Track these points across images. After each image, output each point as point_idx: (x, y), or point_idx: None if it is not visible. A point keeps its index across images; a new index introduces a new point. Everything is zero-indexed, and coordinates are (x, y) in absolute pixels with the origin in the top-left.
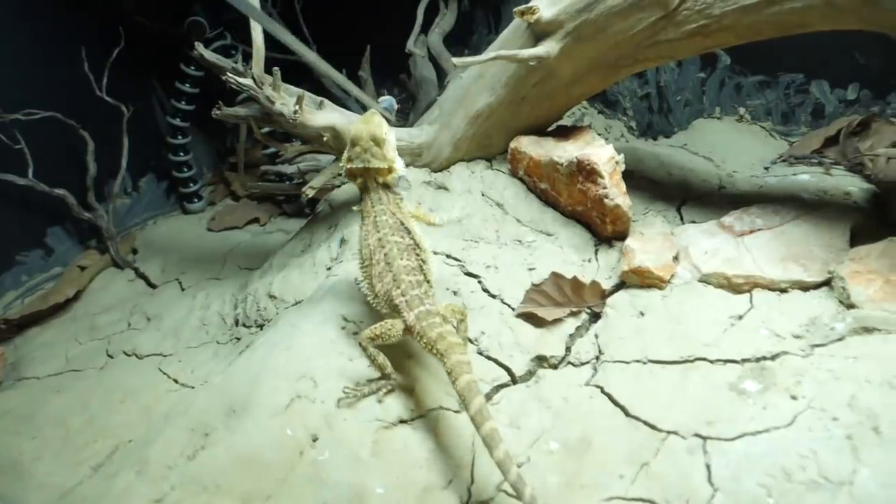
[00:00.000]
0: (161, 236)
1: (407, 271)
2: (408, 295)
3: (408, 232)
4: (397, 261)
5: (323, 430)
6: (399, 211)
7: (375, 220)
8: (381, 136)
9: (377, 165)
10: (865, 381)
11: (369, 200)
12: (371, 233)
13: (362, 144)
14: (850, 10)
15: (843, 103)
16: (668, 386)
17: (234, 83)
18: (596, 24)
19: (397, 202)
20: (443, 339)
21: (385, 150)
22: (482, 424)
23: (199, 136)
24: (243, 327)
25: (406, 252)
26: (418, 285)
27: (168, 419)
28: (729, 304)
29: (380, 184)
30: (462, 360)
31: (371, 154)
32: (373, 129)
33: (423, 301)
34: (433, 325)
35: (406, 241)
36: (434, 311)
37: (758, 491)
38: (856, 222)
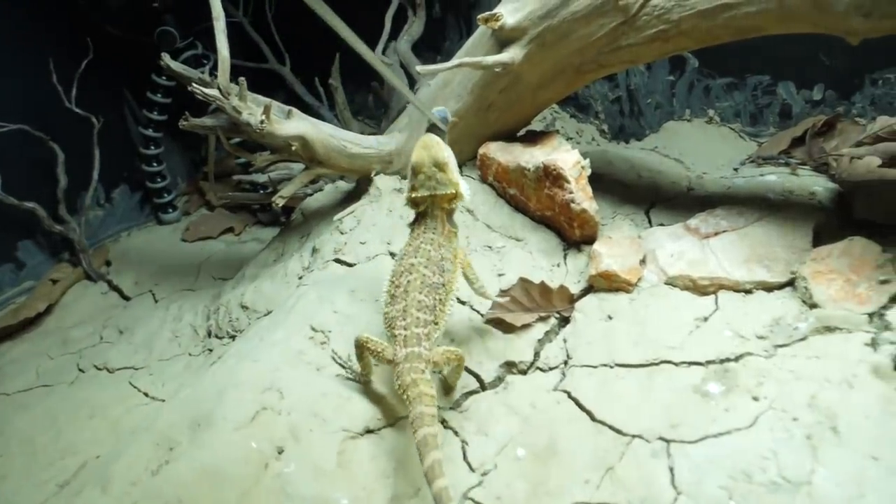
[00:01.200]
0: (135, 248)
1: (419, 307)
2: (409, 330)
3: (442, 272)
4: (415, 293)
5: (289, 442)
6: (448, 244)
7: (419, 245)
8: (444, 160)
9: (444, 192)
10: (825, 380)
11: (423, 225)
12: (409, 255)
13: (426, 171)
14: (803, 15)
15: (810, 104)
16: (634, 389)
17: (199, 94)
18: (559, 29)
19: (450, 235)
20: (415, 385)
21: (450, 175)
22: (433, 481)
23: (174, 147)
24: (216, 339)
25: (428, 289)
26: (424, 325)
27: (134, 434)
28: (694, 306)
29: (443, 210)
30: (426, 413)
31: (437, 181)
32: (434, 154)
33: (420, 342)
34: (414, 369)
35: (434, 279)
36: (424, 357)
37: (719, 493)
38: (819, 222)
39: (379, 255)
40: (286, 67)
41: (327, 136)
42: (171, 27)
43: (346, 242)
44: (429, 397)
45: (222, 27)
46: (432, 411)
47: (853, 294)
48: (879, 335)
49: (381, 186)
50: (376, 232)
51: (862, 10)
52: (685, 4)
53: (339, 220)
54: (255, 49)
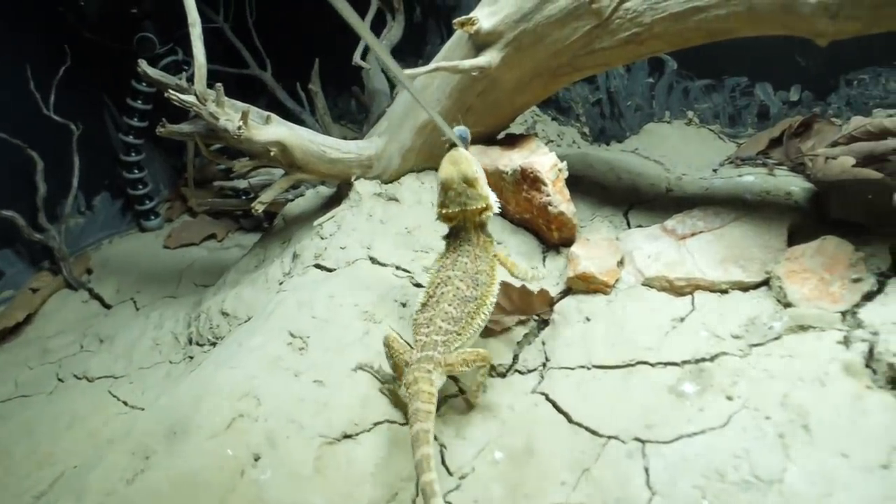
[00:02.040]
0: (117, 255)
1: (446, 318)
2: (430, 337)
3: (476, 285)
4: (444, 304)
5: (265, 449)
6: (485, 255)
7: (456, 258)
8: (473, 175)
9: (474, 206)
10: (798, 379)
11: (458, 238)
12: (446, 266)
13: (456, 188)
14: (771, 17)
15: (787, 105)
16: (611, 390)
17: (176, 100)
18: (534, 33)
19: (486, 245)
20: (416, 383)
21: (479, 189)
22: (421, 475)
23: (156, 153)
24: (196, 346)
25: (459, 302)
26: (446, 334)
27: (111, 443)
28: (671, 307)
29: (476, 224)
30: (421, 409)
31: (467, 196)
32: (463, 169)
33: (437, 348)
34: (419, 368)
35: (467, 293)
36: (435, 360)
37: (693, 493)
38: (794, 222)
39: (359, 259)
40: (267, 73)
41: (306, 142)
42: (150, 33)
43: (326, 248)
44: (426, 394)
45: (198, 33)
46: (428, 408)
47: (827, 293)
48: (852, 333)
49: (362, 191)
50: (356, 237)
51: (828, 13)
52: (657, 7)
53: (320, 226)
54: (237, 55)
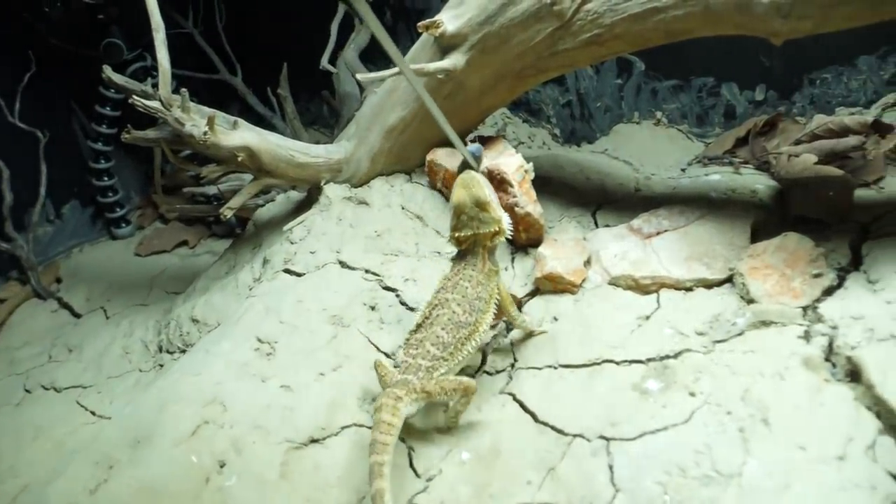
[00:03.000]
0: (87, 264)
1: (435, 343)
2: (415, 360)
3: (472, 312)
4: (437, 328)
5: (231, 455)
6: (486, 283)
7: (458, 282)
8: (485, 199)
9: (486, 230)
10: (759, 373)
11: (464, 261)
12: (446, 289)
13: (468, 212)
14: (727, 17)
15: (753, 104)
16: (577, 389)
17: (140, 106)
18: (498, 35)
19: (490, 274)
20: (379, 411)
21: (492, 212)
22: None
23: (126, 160)
24: (167, 353)
25: (452, 327)
26: (432, 359)
27: (74, 454)
28: (637, 306)
29: (485, 248)
30: (378, 440)
31: (479, 220)
32: (475, 193)
33: (418, 373)
34: (389, 394)
35: (462, 318)
36: (410, 386)
37: (655, 489)
38: (757, 219)
39: (328, 263)
40: (238, 78)
41: (274, 146)
42: (117, 39)
43: (295, 252)
44: (385, 425)
45: (162, 38)
46: (384, 440)
47: (788, 288)
48: (812, 327)
49: (331, 195)
50: (326, 241)
51: (780, 13)
52: (617, 9)
53: (290, 230)
54: (209, 60)
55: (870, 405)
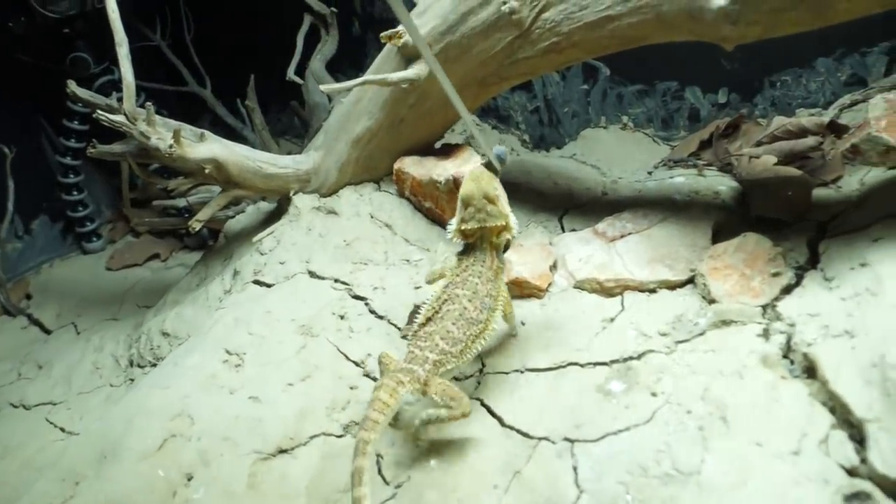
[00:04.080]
0: (57, 279)
1: (446, 337)
2: (423, 352)
3: (483, 310)
4: (448, 322)
5: (198, 468)
6: (495, 281)
7: (467, 277)
8: (493, 193)
9: (493, 224)
10: (719, 372)
11: (472, 257)
12: (456, 284)
13: (475, 204)
14: (678, 24)
15: (716, 107)
16: (542, 393)
17: (105, 120)
18: (460, 44)
19: (498, 271)
20: (376, 390)
21: (500, 207)
22: (352, 488)
23: (96, 174)
24: (137, 368)
25: (464, 322)
26: (441, 353)
27: (41, 471)
28: (601, 308)
29: (492, 244)
30: (370, 417)
31: (486, 213)
32: (484, 186)
33: (424, 365)
34: (391, 377)
35: (473, 314)
36: (414, 375)
37: (617, 489)
38: (719, 220)
39: (297, 274)
40: (207, 90)
41: (242, 158)
42: (83, 53)
43: (265, 263)
44: (381, 403)
45: (125, 52)
46: (376, 417)
47: (748, 288)
48: (771, 326)
49: (300, 205)
50: (295, 251)
51: (729, 19)
52: (573, 17)
53: (259, 241)
54: (178, 73)
55: (824, 400)
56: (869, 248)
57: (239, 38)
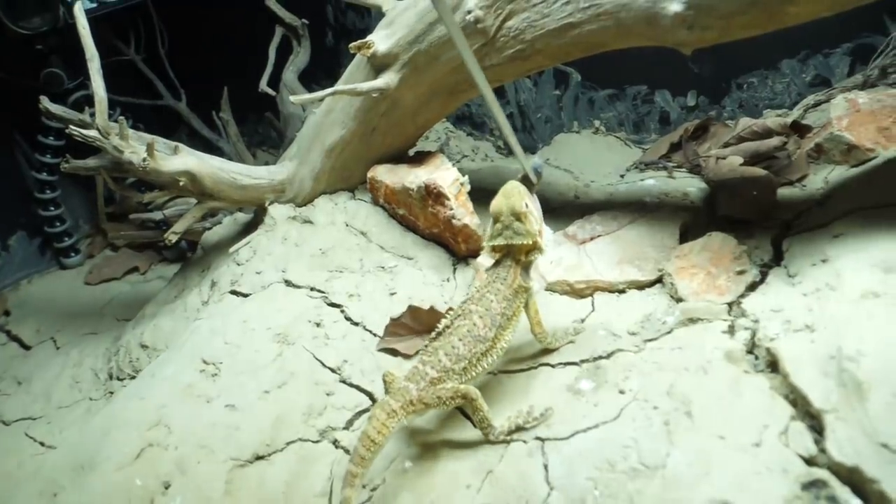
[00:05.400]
0: (36, 295)
1: (449, 353)
2: (424, 368)
3: (493, 328)
4: (454, 338)
5: (175, 476)
6: (513, 299)
7: (485, 294)
8: (522, 210)
9: (520, 242)
10: (684, 368)
11: (496, 273)
12: (472, 299)
13: (503, 221)
14: (637, 30)
15: (686, 109)
16: (515, 393)
17: (77, 135)
18: (428, 53)
19: (519, 291)
20: (368, 421)
21: (528, 225)
22: None
23: (74, 189)
24: (117, 381)
25: (471, 340)
26: (443, 371)
27: (18, 485)
28: (573, 309)
29: (519, 262)
30: (357, 452)
31: (513, 230)
32: (513, 202)
33: (420, 382)
34: (384, 404)
35: (482, 332)
36: (409, 396)
37: (586, 484)
38: (686, 221)
39: (273, 283)
40: (182, 103)
41: (216, 170)
42: (57, 69)
43: (242, 273)
44: (369, 441)
45: (97, 67)
46: (364, 454)
47: (714, 286)
48: (736, 322)
49: (276, 215)
50: (271, 261)
51: (685, 24)
52: (536, 25)
53: (236, 252)
54: (153, 87)
55: (786, 393)
56: (830, 244)
57: (214, 51)
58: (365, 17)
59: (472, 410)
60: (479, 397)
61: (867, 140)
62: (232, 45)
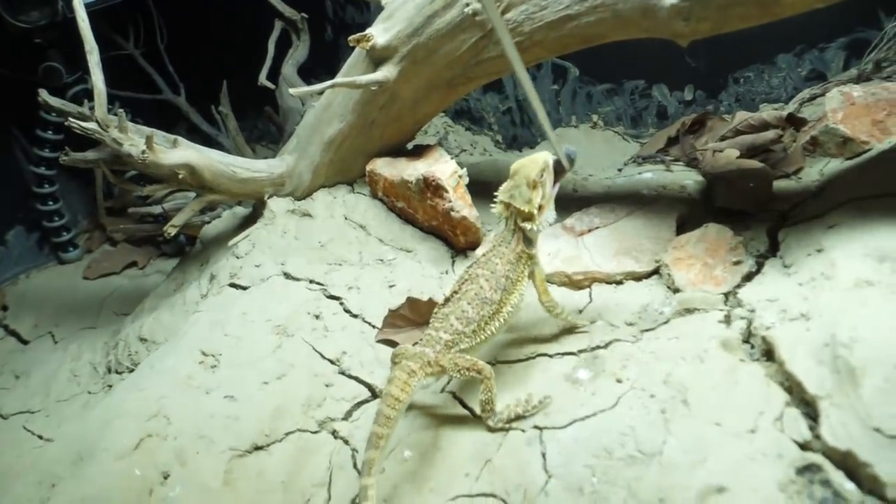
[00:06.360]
0: (34, 290)
1: (461, 317)
2: (438, 333)
3: (499, 290)
4: (464, 302)
5: (174, 467)
6: (516, 263)
7: (490, 257)
8: (533, 179)
9: (518, 206)
10: (681, 357)
11: (501, 236)
12: (478, 263)
13: (515, 179)
14: (634, 21)
15: (683, 104)
16: (513, 383)
17: (77, 128)
18: (427, 46)
19: (522, 255)
20: (389, 383)
21: (533, 195)
22: (361, 477)
23: (72, 183)
24: (115, 374)
25: (478, 303)
26: (455, 334)
27: (18, 476)
28: (570, 301)
29: (518, 227)
30: (382, 412)
31: (519, 192)
32: (530, 170)
33: (436, 345)
34: (403, 367)
35: (488, 294)
36: (425, 358)
37: (584, 472)
38: (683, 213)
39: (272, 276)
40: (181, 97)
41: (215, 163)
42: (56, 63)
43: (241, 266)
44: (393, 399)
45: (96, 60)
46: (389, 413)
47: (710, 276)
48: (732, 312)
49: (275, 209)
50: (271, 254)
51: (681, 15)
52: (534, 17)
53: (235, 245)
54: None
55: (781, 381)
56: (825, 234)
57: (213, 46)
58: (364, 12)
59: (483, 389)
60: (492, 377)
61: (862, 133)
62: (231, 40)
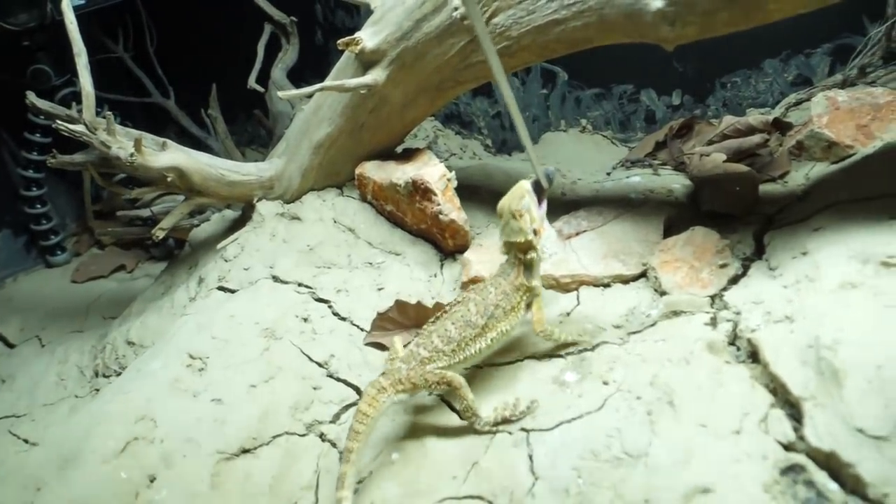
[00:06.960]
0: (21, 293)
1: (442, 336)
2: (418, 349)
3: (485, 316)
4: (447, 322)
5: (161, 470)
6: (512, 294)
7: (487, 285)
8: (516, 208)
9: (514, 240)
10: (667, 360)
11: (502, 267)
12: (476, 289)
13: (503, 219)
14: (620, 26)
15: (671, 108)
16: (501, 386)
17: (64, 130)
18: (415, 50)
19: (520, 288)
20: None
21: (522, 224)
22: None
23: (61, 186)
24: (102, 378)
25: (462, 324)
26: (433, 351)
27: (3, 480)
28: (559, 304)
29: (520, 261)
30: (353, 428)
31: (510, 228)
32: (509, 202)
33: (411, 362)
34: (375, 383)
35: (473, 318)
36: (398, 376)
37: (570, 474)
38: (670, 216)
39: (261, 279)
40: (171, 101)
41: (204, 166)
42: (44, 65)
43: (230, 269)
44: (361, 414)
45: (84, 62)
46: (358, 427)
47: (697, 279)
48: (718, 314)
49: (264, 212)
50: (259, 257)
51: (667, 20)
52: (522, 22)
53: (224, 248)
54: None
55: (766, 383)
56: (810, 237)
57: (202, 49)
58: (353, 16)
59: (456, 399)
60: (462, 385)
61: (846, 137)
62: (221, 43)
